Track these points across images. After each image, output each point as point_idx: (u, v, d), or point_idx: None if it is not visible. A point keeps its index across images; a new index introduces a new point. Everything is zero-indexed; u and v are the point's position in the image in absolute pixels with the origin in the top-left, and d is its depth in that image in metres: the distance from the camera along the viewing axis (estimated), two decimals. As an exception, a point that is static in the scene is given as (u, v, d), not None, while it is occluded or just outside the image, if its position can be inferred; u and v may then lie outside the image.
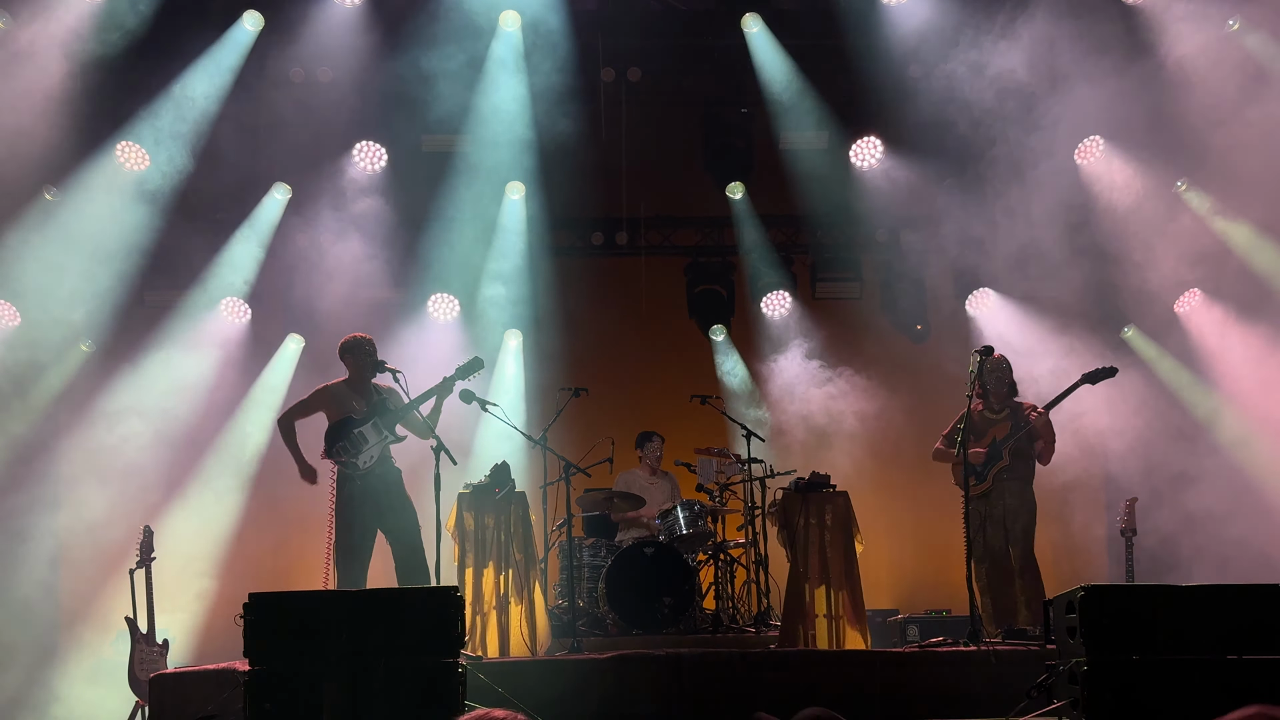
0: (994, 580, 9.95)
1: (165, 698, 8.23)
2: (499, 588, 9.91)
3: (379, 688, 6.83)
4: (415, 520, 9.52)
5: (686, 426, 12.24)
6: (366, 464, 9.44)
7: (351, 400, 9.59)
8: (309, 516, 12.28)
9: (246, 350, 12.99)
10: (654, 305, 13.70)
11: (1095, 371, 9.90)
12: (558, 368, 12.53)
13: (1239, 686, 6.90)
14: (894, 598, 12.70)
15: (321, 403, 9.64)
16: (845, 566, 10.11)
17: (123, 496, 11.88)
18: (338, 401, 9.59)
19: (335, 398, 9.61)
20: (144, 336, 12.41)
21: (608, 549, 11.14)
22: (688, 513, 11.01)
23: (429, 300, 12.89)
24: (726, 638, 10.56)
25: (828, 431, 13.32)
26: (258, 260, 12.73)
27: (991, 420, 10.08)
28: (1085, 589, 7.00)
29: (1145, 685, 6.88)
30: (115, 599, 11.17)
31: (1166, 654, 6.94)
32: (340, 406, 9.57)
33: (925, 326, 13.39)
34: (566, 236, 13.52)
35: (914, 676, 8.51)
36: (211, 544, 12.52)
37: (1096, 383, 9.93)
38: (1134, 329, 12.96)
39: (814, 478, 10.37)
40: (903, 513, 13.19)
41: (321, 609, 7.08)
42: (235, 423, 12.79)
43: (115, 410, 12.11)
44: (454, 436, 10.35)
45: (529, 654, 9.76)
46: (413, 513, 9.56)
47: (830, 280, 13.43)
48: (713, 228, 13.67)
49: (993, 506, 9.94)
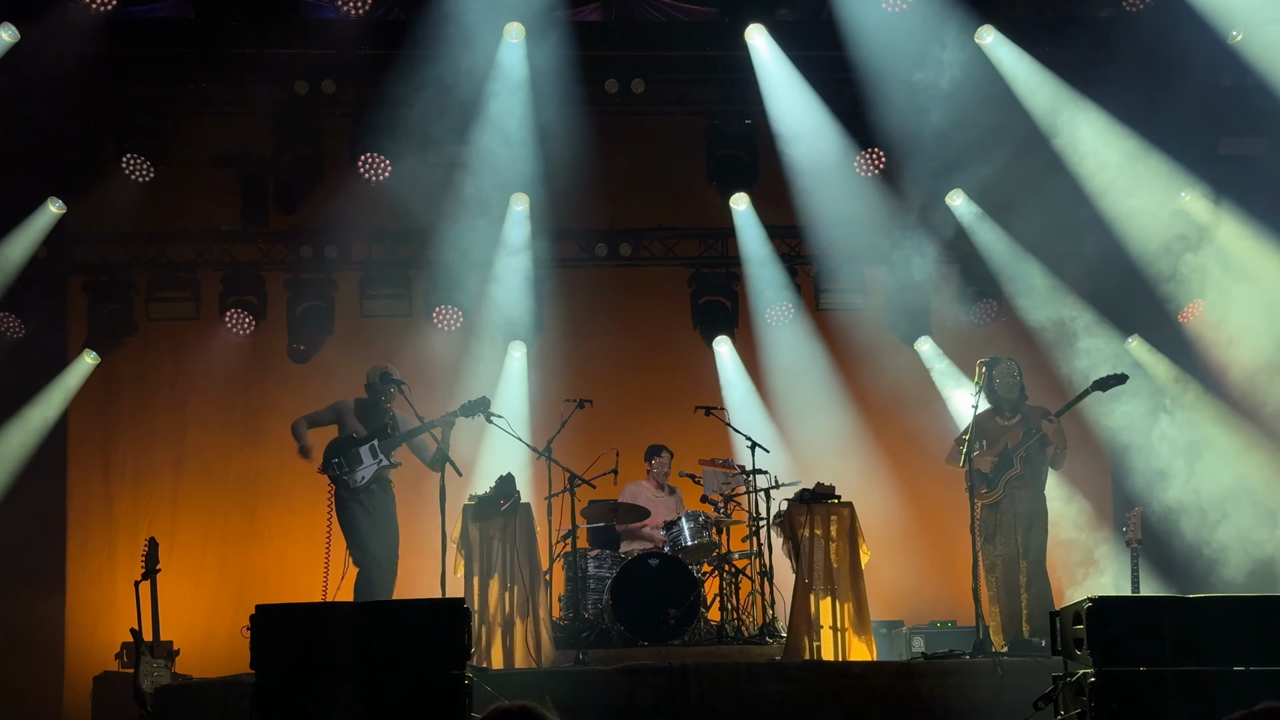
0: (1003, 589, 9.93)
1: (171, 709, 8.24)
2: (504, 600, 9.92)
3: (385, 700, 6.83)
4: (394, 555, 9.92)
5: (691, 437, 12.21)
6: (359, 483, 9.79)
7: (360, 420, 9.91)
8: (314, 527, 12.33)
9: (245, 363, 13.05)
10: (658, 316, 13.68)
11: (1106, 378, 9.91)
12: (562, 379, 12.51)
13: (1247, 698, 6.89)
14: (900, 609, 12.65)
15: (334, 415, 9.97)
16: (851, 577, 10.10)
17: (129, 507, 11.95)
18: (347, 418, 9.90)
19: (346, 414, 9.92)
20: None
21: (612, 560, 11.12)
22: (693, 524, 10.99)
23: (433, 312, 12.87)
24: (731, 649, 10.53)
25: (832, 443, 13.32)
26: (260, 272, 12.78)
27: (1004, 427, 10.07)
28: (1092, 600, 6.99)
29: (1153, 697, 6.87)
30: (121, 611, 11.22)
31: (1174, 665, 6.93)
32: (347, 423, 9.87)
33: (929, 335, 13.37)
34: (570, 247, 13.51)
35: (920, 688, 8.51)
36: (218, 556, 12.53)
37: (1108, 390, 9.94)
38: (1138, 338, 12.94)
39: (819, 489, 10.37)
40: (908, 523, 13.16)
41: (328, 621, 7.10)
42: (241, 435, 12.83)
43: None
44: (459, 449, 10.38)
45: (534, 666, 9.75)
46: (394, 547, 9.93)
47: (834, 291, 13.41)
48: (716, 239, 13.66)
49: (1003, 515, 9.92)
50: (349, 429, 9.87)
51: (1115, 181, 12.21)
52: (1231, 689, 6.86)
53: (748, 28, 12.29)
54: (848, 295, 13.40)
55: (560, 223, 13.07)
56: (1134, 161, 12.08)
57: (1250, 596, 7.14)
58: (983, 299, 13.15)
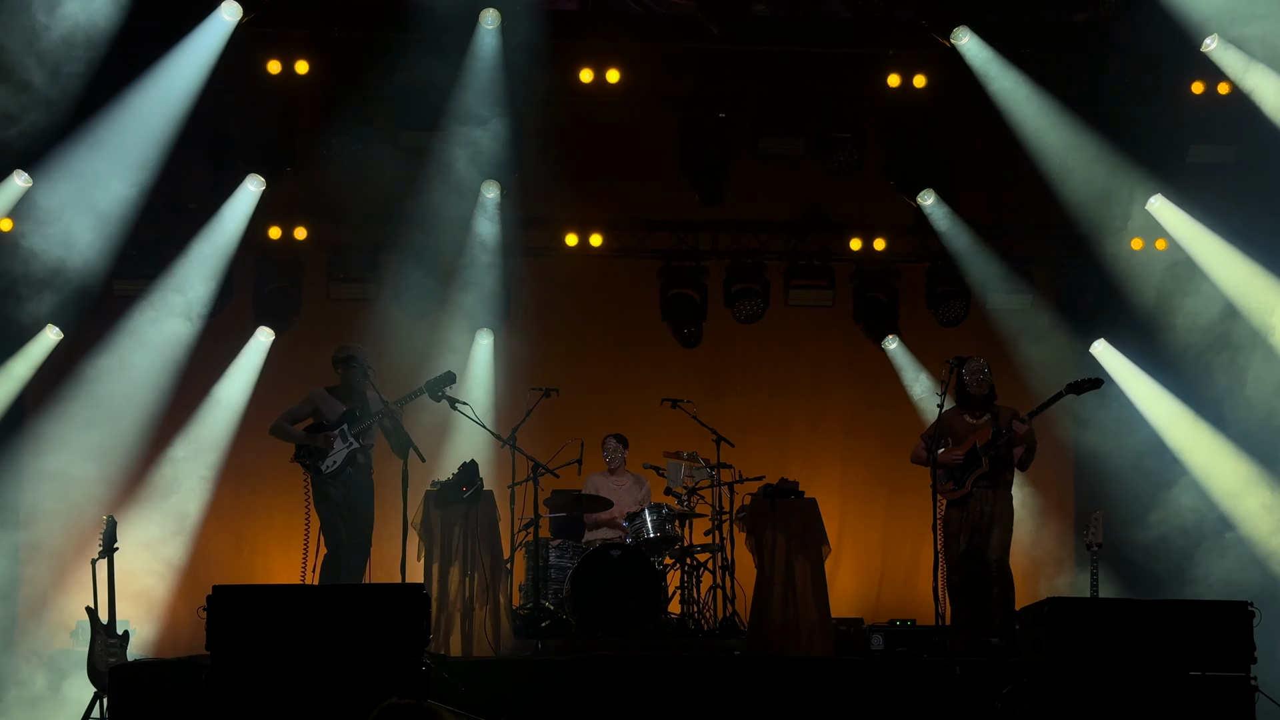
0: (966, 587, 9.93)
1: (125, 689, 8.18)
2: (464, 587, 9.90)
3: (342, 684, 6.80)
4: (368, 529, 9.86)
5: (657, 430, 12.20)
6: (329, 468, 9.74)
7: (333, 406, 9.87)
8: (274, 509, 12.26)
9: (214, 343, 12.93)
10: (627, 308, 13.67)
11: (1080, 382, 9.94)
12: (528, 368, 12.48)
13: (1200, 703, 6.94)
14: (860, 606, 12.69)
15: (311, 406, 9.95)
16: (812, 574, 10.13)
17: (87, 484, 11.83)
18: (323, 406, 9.89)
19: (322, 403, 9.93)
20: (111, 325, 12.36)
21: (574, 550, 11.11)
22: (655, 516, 10.98)
23: (401, 296, 12.80)
24: (691, 643, 10.54)
25: (797, 438, 13.35)
26: (228, 254, 12.64)
27: (972, 425, 10.09)
28: (1051, 601, 7.03)
29: (1108, 699, 6.91)
30: (77, 589, 11.11)
31: (1130, 668, 6.97)
32: (323, 411, 9.88)
33: (896, 335, 13.39)
34: (540, 236, 13.47)
35: (878, 686, 8.52)
36: (175, 535, 12.44)
37: (1081, 393, 9.97)
38: (1104, 342, 13.00)
39: (782, 484, 10.39)
40: (871, 521, 13.23)
41: (285, 603, 7.06)
42: (202, 413, 12.73)
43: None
44: (423, 434, 10.36)
45: (493, 654, 9.73)
46: (368, 522, 9.87)
47: (803, 287, 13.42)
48: (687, 231, 13.65)
49: (969, 513, 9.93)
50: (324, 416, 9.86)
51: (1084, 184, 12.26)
52: (1186, 694, 6.91)
53: (725, 21, 12.27)
54: (817, 291, 13.40)
55: (531, 211, 13.06)
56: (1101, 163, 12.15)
57: (1208, 602, 7.19)
58: (951, 299, 13.16)
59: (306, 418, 9.95)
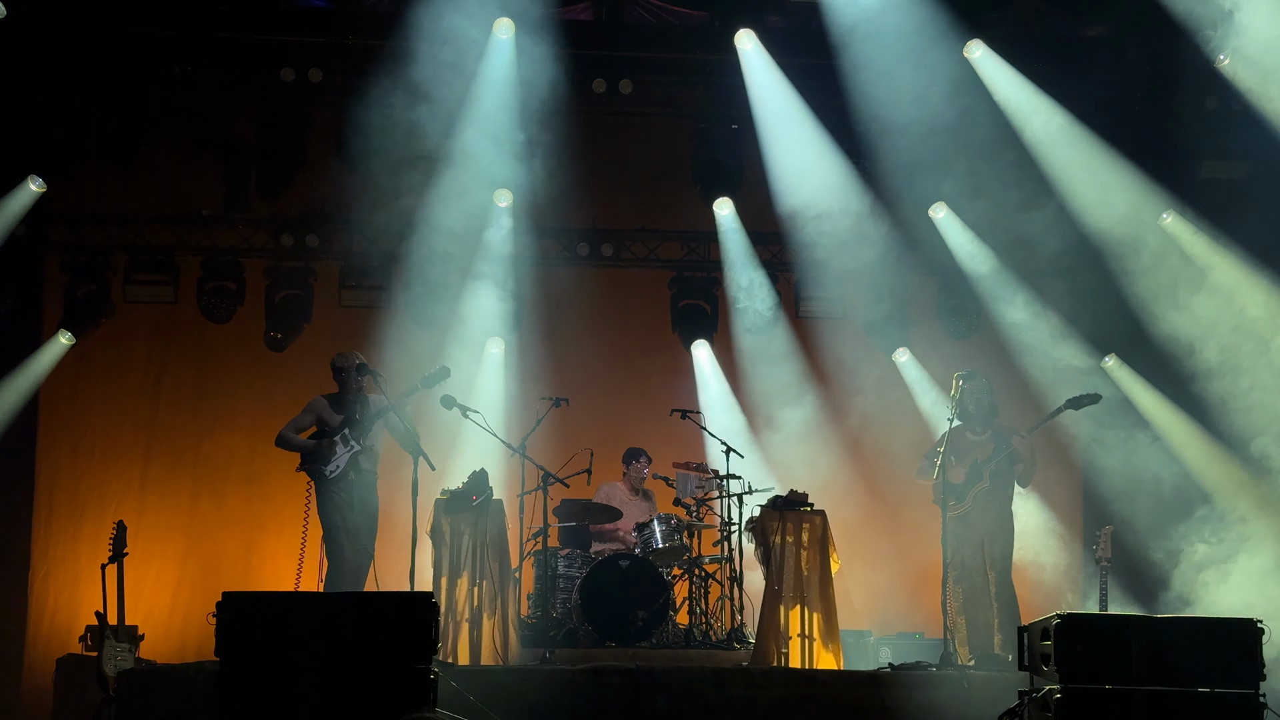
0: (970, 602, 9.94)
1: (133, 693, 8.19)
2: (473, 596, 9.89)
3: (350, 692, 6.80)
4: (372, 533, 9.82)
5: (666, 440, 12.20)
6: (333, 473, 9.75)
7: (333, 412, 9.88)
8: (284, 517, 12.27)
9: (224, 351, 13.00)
10: (637, 318, 13.68)
11: (1079, 397, 9.94)
12: (539, 377, 12.50)
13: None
14: (868, 619, 12.67)
15: (312, 415, 9.95)
16: (820, 586, 10.11)
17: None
18: (324, 414, 9.89)
19: (323, 410, 9.93)
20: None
21: (583, 560, 11.11)
22: (664, 527, 10.98)
23: (412, 306, 12.82)
24: (699, 653, 10.52)
25: (806, 450, 13.32)
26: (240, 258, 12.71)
27: (974, 441, 10.09)
28: (1060, 616, 7.00)
29: (1118, 715, 6.89)
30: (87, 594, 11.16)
31: (1140, 685, 6.94)
32: (325, 419, 9.88)
33: (907, 347, 13.38)
34: (552, 246, 13.49)
35: (886, 699, 8.50)
36: (185, 541, 12.47)
37: (1080, 408, 9.96)
38: (1114, 358, 12.97)
39: (792, 495, 10.37)
40: (880, 533, 13.18)
41: (295, 610, 7.07)
42: (213, 421, 12.78)
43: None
44: (433, 442, 10.36)
45: (501, 663, 9.73)
46: (372, 525, 9.84)
47: (814, 298, 13.42)
48: (699, 242, 13.66)
49: (971, 528, 9.94)
50: (326, 423, 9.87)
51: (1096, 200, 12.24)
52: (1196, 711, 6.89)
53: (737, 33, 12.30)
54: (828, 304, 13.40)
55: (543, 221, 13.06)
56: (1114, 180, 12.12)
57: (1218, 619, 7.16)
58: (962, 312, 13.15)
59: (309, 426, 9.96)
